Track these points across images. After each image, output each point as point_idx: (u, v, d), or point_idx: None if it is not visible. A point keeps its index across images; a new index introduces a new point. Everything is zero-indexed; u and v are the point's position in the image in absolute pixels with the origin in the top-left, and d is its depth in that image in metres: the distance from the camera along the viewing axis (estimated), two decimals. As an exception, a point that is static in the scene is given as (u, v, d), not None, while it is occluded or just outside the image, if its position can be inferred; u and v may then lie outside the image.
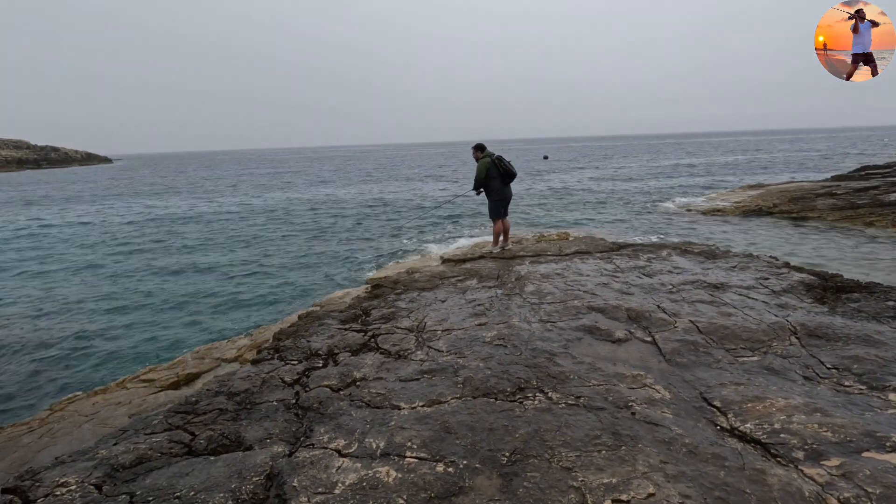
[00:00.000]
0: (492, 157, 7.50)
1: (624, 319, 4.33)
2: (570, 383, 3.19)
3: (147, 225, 20.72)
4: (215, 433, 2.97)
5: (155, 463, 2.67)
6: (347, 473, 2.39)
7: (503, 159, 7.55)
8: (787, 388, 2.94)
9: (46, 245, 16.65)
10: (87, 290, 11.16)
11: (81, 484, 2.47)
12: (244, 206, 26.26)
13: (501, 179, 7.56)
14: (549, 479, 2.23)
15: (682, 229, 14.78)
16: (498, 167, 7.45)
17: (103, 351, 7.64)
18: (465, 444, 2.57)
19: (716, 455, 2.35)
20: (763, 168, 37.69)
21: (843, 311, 4.09)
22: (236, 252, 14.77)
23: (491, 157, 7.48)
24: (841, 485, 2.06)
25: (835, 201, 15.23)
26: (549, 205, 22.23)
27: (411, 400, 3.19)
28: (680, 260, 6.60)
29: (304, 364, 4.06)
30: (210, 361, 5.89)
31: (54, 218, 23.44)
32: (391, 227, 18.13)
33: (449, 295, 5.72)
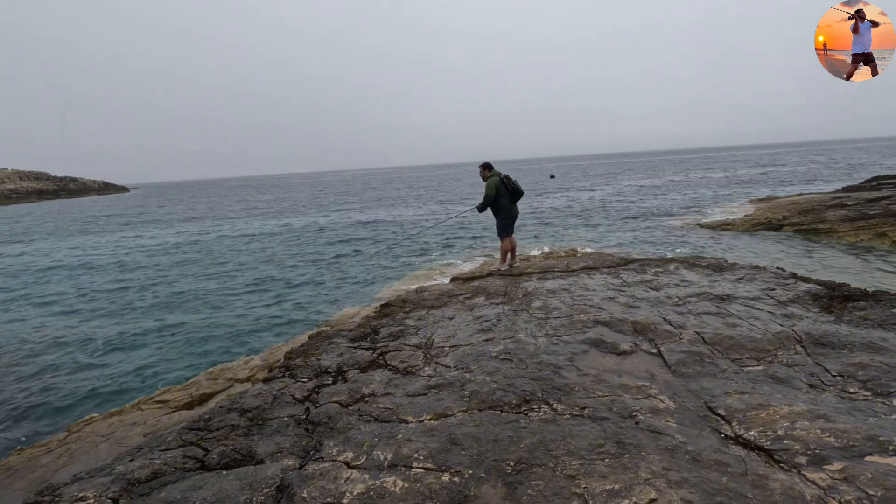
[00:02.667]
0: (499, 175, 7.64)
1: (629, 332, 4.36)
2: (574, 395, 3.22)
3: (158, 251, 21.14)
4: (227, 448, 3.05)
5: (169, 477, 2.75)
6: (355, 484, 2.44)
7: (510, 178, 7.68)
8: (792, 396, 2.95)
9: (78, 272, 17.06)
10: (103, 314, 11.39)
11: (99, 498, 2.55)
12: (254, 231, 26.69)
13: (510, 198, 7.69)
14: (553, 487, 2.27)
15: (691, 244, 14.73)
16: (506, 185, 7.58)
17: (118, 374, 7.78)
18: (471, 455, 2.61)
19: (718, 462, 2.36)
20: (776, 181, 37.49)
21: (850, 319, 4.08)
22: (247, 275, 14.99)
23: (499, 176, 7.62)
24: (843, 488, 2.07)
25: (846, 212, 15.11)
26: (556, 223, 22.30)
27: (419, 413, 3.24)
28: (687, 273, 6.61)
29: (314, 381, 4.14)
30: (223, 382, 5.99)
31: (97, 242, 24.03)
32: (400, 247, 18.29)
33: (457, 312, 5.79)
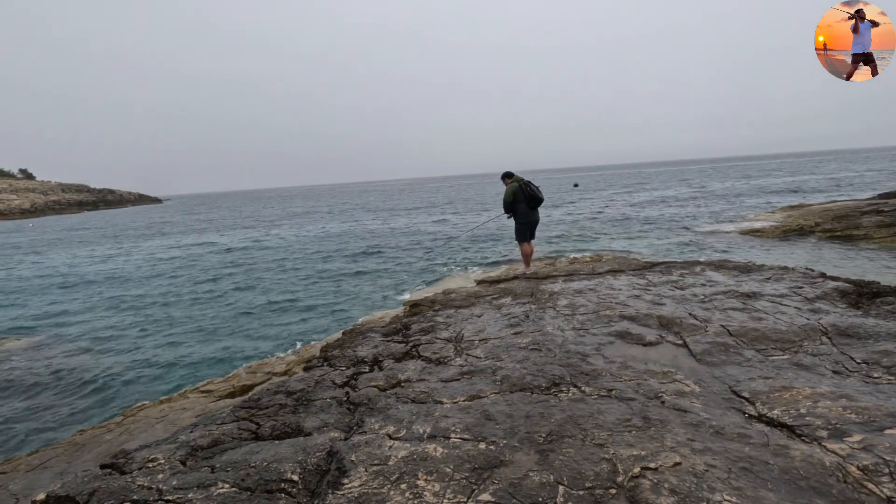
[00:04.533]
0: (520, 181, 7.84)
1: (655, 326, 4.48)
2: (602, 379, 3.38)
3: (200, 257, 21.97)
4: (278, 423, 3.31)
5: (228, 445, 3.02)
6: (399, 451, 2.66)
7: (531, 184, 7.85)
8: (816, 381, 3.04)
9: (118, 275, 17.93)
10: (149, 315, 11.98)
11: (168, 460, 2.84)
12: (282, 238, 27.45)
13: (527, 203, 7.84)
14: (583, 454, 2.44)
15: (718, 249, 14.57)
16: (524, 191, 7.76)
17: (162, 368, 8.22)
18: (505, 428, 2.80)
19: (741, 435, 2.50)
20: (808, 189, 36.52)
21: (877, 313, 4.11)
22: (280, 281, 15.49)
23: (519, 182, 7.82)
24: (861, 455, 2.18)
25: (881, 218, 14.70)
26: (581, 230, 22.27)
27: (453, 396, 3.44)
28: (713, 274, 6.65)
29: (352, 369, 4.39)
30: (262, 375, 6.31)
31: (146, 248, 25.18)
32: (424, 253, 18.58)
33: (485, 311, 5.98)
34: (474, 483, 2.29)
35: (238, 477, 2.49)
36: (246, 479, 2.47)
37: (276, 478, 2.47)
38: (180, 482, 2.48)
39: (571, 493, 2.15)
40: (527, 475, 2.31)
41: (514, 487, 2.23)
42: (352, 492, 2.33)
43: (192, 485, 2.44)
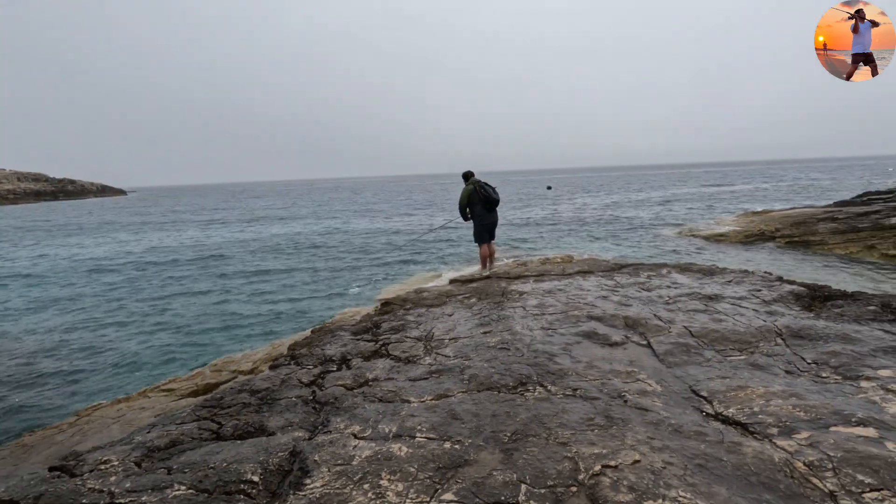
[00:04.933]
0: (475, 184, 7.83)
1: (621, 326, 4.58)
2: (568, 378, 3.43)
3: (155, 252, 21.27)
4: (240, 422, 3.23)
5: (187, 445, 2.93)
6: (363, 450, 2.64)
7: (486, 186, 7.86)
8: (769, 381, 3.16)
9: (64, 272, 17.17)
10: (104, 310, 11.52)
11: (123, 461, 2.73)
12: (251, 236, 26.86)
13: (483, 205, 7.84)
14: (547, 452, 2.47)
15: (684, 254, 15.01)
16: (479, 194, 7.75)
17: (120, 366, 7.92)
18: (470, 427, 2.81)
19: (698, 433, 2.57)
20: (773, 196, 38.01)
21: (828, 315, 4.31)
22: (246, 278, 15.15)
23: (474, 185, 7.81)
24: (808, 452, 2.28)
25: (836, 225, 15.43)
26: (552, 232, 22.58)
27: (420, 395, 3.43)
28: (679, 277, 6.84)
29: (319, 368, 4.33)
30: (227, 374, 6.16)
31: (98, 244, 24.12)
32: (396, 253, 18.50)
33: (456, 310, 5.99)
34: (438, 483, 2.29)
35: (196, 478, 2.42)
36: (204, 481, 2.40)
37: (236, 479, 2.41)
38: (134, 484, 2.39)
39: (534, 491, 2.18)
40: (490, 474, 2.32)
41: (477, 487, 2.23)
42: (314, 492, 2.29)
43: (147, 487, 2.36)
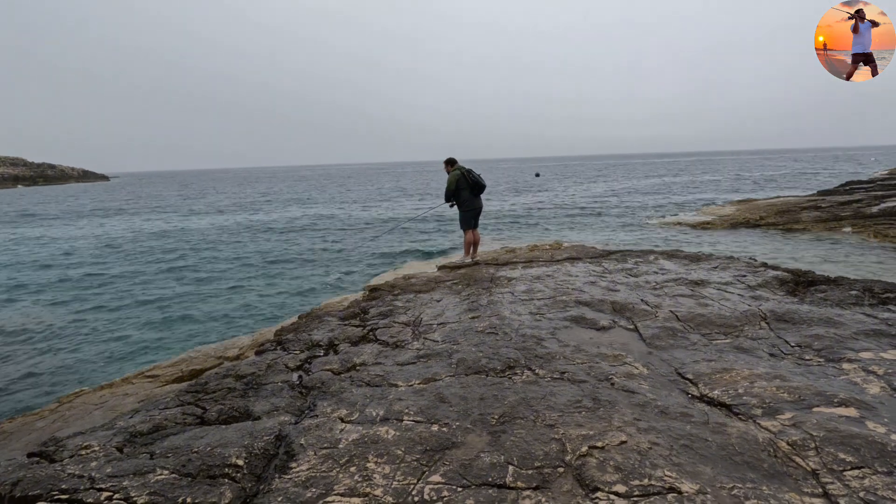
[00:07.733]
0: (461, 169, 7.78)
1: (609, 311, 4.60)
2: (555, 362, 3.44)
3: (146, 238, 20.91)
4: (225, 407, 3.19)
5: (171, 430, 2.88)
6: (350, 434, 2.62)
7: (472, 172, 7.82)
8: (753, 363, 3.20)
9: (50, 256, 16.81)
10: (90, 297, 11.31)
11: (104, 447, 2.68)
12: (237, 224, 26.52)
13: (471, 191, 7.81)
14: (534, 434, 2.47)
15: (671, 241, 15.14)
16: (467, 179, 7.72)
17: (103, 354, 7.79)
18: (458, 410, 2.80)
19: (684, 414, 2.59)
20: (757, 184, 38.47)
21: (811, 300, 4.38)
22: (231, 265, 14.97)
23: (461, 170, 7.76)
24: (791, 432, 2.31)
25: (819, 213, 15.68)
26: (540, 219, 22.62)
27: (408, 379, 3.42)
28: (666, 263, 6.89)
29: (306, 353, 4.29)
30: (213, 360, 6.08)
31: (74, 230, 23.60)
32: (385, 238, 18.40)
33: (444, 295, 5.97)
34: (425, 465, 2.28)
35: (179, 463, 2.38)
36: (187, 465, 2.36)
37: (220, 463, 2.38)
38: (115, 469, 2.35)
39: (521, 472, 2.18)
40: (478, 456, 2.32)
41: (464, 468, 2.23)
42: (299, 475, 2.27)
43: (129, 472, 2.32)
